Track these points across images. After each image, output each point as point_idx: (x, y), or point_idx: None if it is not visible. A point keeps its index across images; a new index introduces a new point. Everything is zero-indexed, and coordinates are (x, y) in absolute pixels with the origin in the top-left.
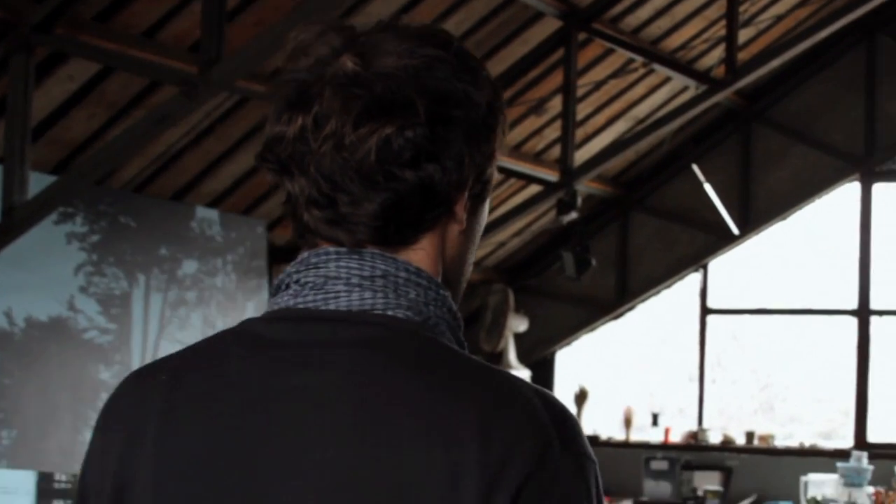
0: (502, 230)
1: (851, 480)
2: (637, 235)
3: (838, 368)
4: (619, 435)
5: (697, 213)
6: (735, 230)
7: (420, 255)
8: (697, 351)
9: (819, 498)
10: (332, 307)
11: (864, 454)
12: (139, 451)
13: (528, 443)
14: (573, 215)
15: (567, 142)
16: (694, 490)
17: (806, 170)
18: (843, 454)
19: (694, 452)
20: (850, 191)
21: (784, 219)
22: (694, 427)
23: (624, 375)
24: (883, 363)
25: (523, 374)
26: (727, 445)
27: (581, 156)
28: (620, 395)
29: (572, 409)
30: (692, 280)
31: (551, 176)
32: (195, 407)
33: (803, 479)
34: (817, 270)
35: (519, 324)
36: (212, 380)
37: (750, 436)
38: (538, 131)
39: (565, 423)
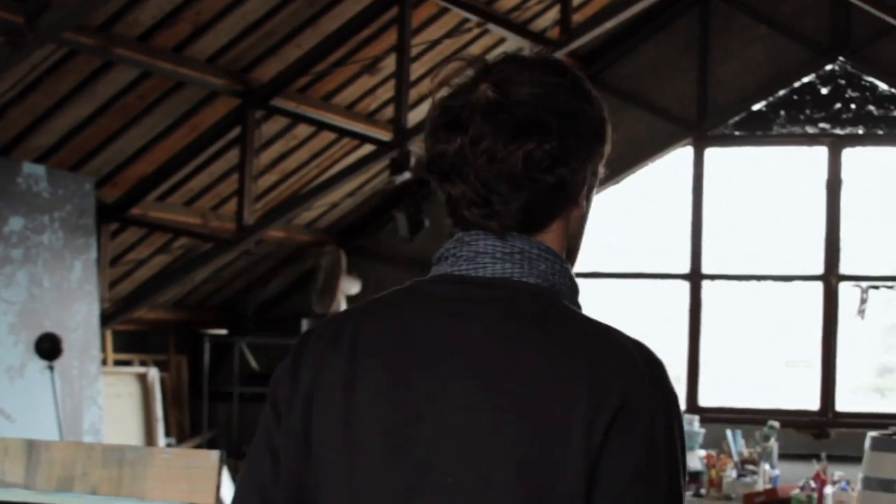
0: (335, 190)
1: None
2: None
3: (670, 333)
4: None
5: None
6: None
7: (550, 236)
8: None
9: None
10: (480, 274)
11: (696, 418)
12: (329, 374)
13: (624, 378)
14: (406, 175)
15: (400, 101)
16: None
17: (639, 133)
18: None
19: None
20: (682, 155)
21: (617, 182)
22: None
23: None
24: (714, 327)
25: None
26: None
27: (415, 116)
28: None
29: None
30: None
31: (385, 136)
32: (377, 343)
33: None
34: (650, 234)
35: (351, 286)
36: (389, 323)
37: None
38: (371, 91)
39: (654, 366)
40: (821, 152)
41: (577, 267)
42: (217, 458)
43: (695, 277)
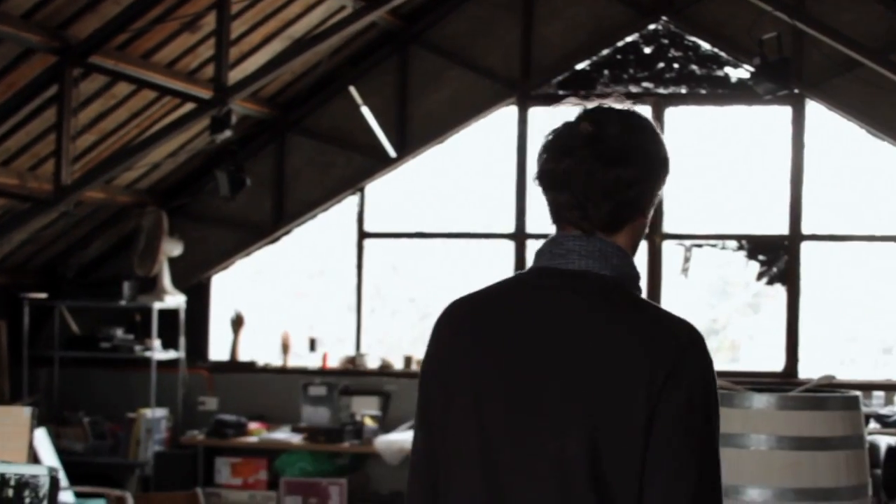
0: (155, 150)
1: None
2: (294, 158)
3: None
4: (276, 361)
5: (354, 135)
6: (392, 153)
7: (622, 237)
8: (355, 275)
9: None
10: (570, 267)
11: None
12: (459, 348)
13: (673, 350)
14: (227, 134)
15: (221, 60)
16: (352, 415)
17: (463, 93)
18: None
19: (352, 378)
20: (507, 114)
21: (441, 142)
22: (352, 353)
23: (281, 301)
24: None
25: (178, 298)
26: (385, 370)
27: (236, 75)
28: (278, 320)
29: (229, 334)
30: (349, 203)
31: (205, 94)
32: (495, 321)
33: None
34: (475, 194)
35: (173, 248)
36: (503, 306)
37: (408, 360)
38: (192, 49)
39: (695, 340)
40: (644, 111)
41: (400, 226)
42: (29, 414)
43: (520, 237)
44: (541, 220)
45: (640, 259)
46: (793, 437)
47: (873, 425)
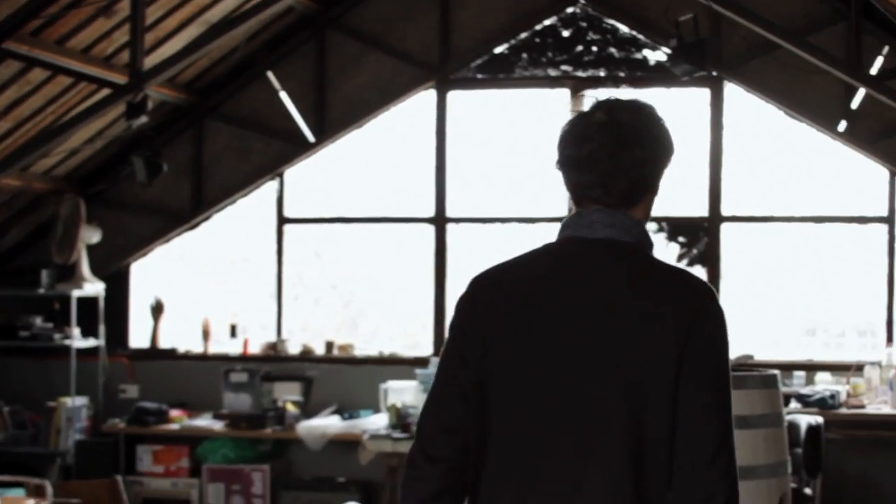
0: (72, 136)
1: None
2: (212, 143)
3: (415, 276)
4: (197, 347)
5: (273, 120)
6: (311, 138)
7: (638, 211)
8: (275, 261)
9: (399, 405)
10: (594, 236)
11: None
12: (494, 310)
13: (693, 303)
14: (143, 120)
15: (136, 45)
16: (274, 401)
17: (382, 77)
18: (422, 362)
19: (273, 363)
20: (425, 98)
21: (360, 126)
22: (273, 338)
23: (203, 288)
24: (458, 270)
25: (97, 286)
26: (307, 356)
27: (152, 60)
28: (199, 307)
29: (149, 321)
30: (269, 189)
31: (121, 80)
32: (525, 287)
33: (383, 386)
34: (395, 178)
35: (91, 235)
36: (536, 270)
37: (330, 346)
38: (108, 34)
39: (710, 294)
40: (563, 94)
41: (320, 211)
42: None
43: (440, 221)
44: (460, 204)
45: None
46: None
47: (794, 405)
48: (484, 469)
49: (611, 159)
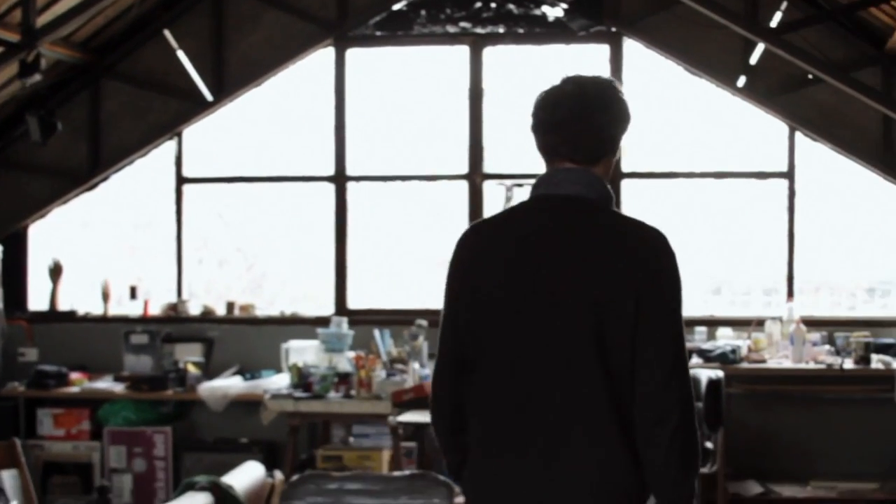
0: None
1: (332, 346)
2: (109, 103)
3: (316, 236)
4: (97, 310)
5: (170, 79)
6: (209, 97)
7: (600, 168)
8: (174, 221)
9: (300, 364)
10: (563, 192)
11: (345, 319)
12: (486, 256)
13: (651, 251)
14: (37, 78)
15: (28, 2)
16: (175, 363)
17: (279, 35)
18: (323, 321)
19: (174, 325)
20: (324, 56)
21: (259, 85)
22: (174, 299)
23: (102, 249)
24: (360, 229)
25: None
26: (208, 317)
27: (44, 18)
28: (99, 269)
29: (48, 284)
30: (167, 149)
31: (13, 38)
32: (512, 237)
33: (284, 346)
34: (295, 137)
35: None
36: (516, 224)
37: (230, 306)
38: None
39: (665, 242)
40: (462, 51)
41: (219, 171)
42: None
43: (340, 179)
44: (364, 161)
45: (462, 199)
46: None
47: (696, 360)
48: (475, 388)
49: (580, 121)
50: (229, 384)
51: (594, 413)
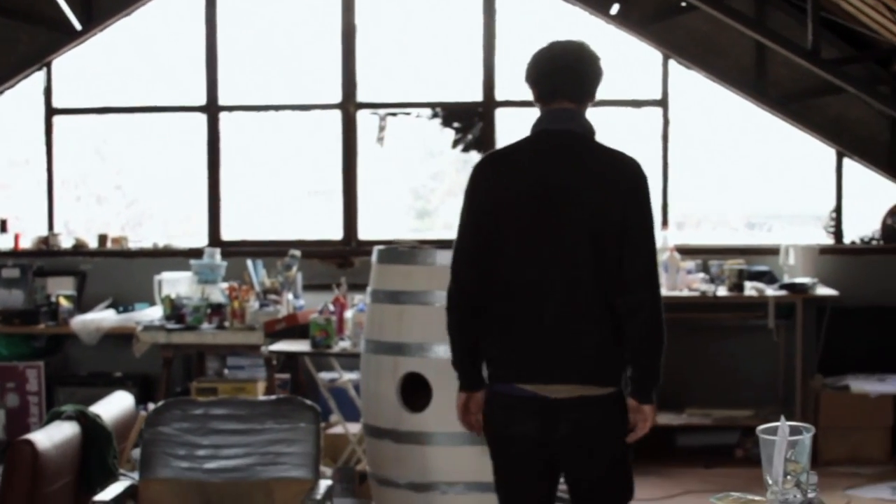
0: None
1: (205, 277)
2: None
3: (191, 168)
4: None
5: (38, 8)
6: (78, 26)
7: (583, 108)
8: (44, 152)
9: (174, 296)
10: (557, 128)
11: (218, 251)
12: (502, 179)
13: (632, 174)
14: None
15: None
16: (47, 296)
17: None
18: (197, 253)
19: (46, 258)
20: None
21: (129, 14)
22: (45, 232)
23: None
24: (233, 160)
25: None
26: (80, 249)
27: None
28: None
29: None
30: (36, 80)
31: None
32: (521, 164)
33: (157, 278)
34: (167, 68)
35: None
36: (524, 153)
37: (103, 239)
38: None
39: (641, 169)
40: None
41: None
42: None
43: (212, 109)
44: (236, 91)
45: (335, 128)
46: None
47: None
48: (498, 277)
49: (572, 70)
50: (102, 317)
51: (589, 294)
